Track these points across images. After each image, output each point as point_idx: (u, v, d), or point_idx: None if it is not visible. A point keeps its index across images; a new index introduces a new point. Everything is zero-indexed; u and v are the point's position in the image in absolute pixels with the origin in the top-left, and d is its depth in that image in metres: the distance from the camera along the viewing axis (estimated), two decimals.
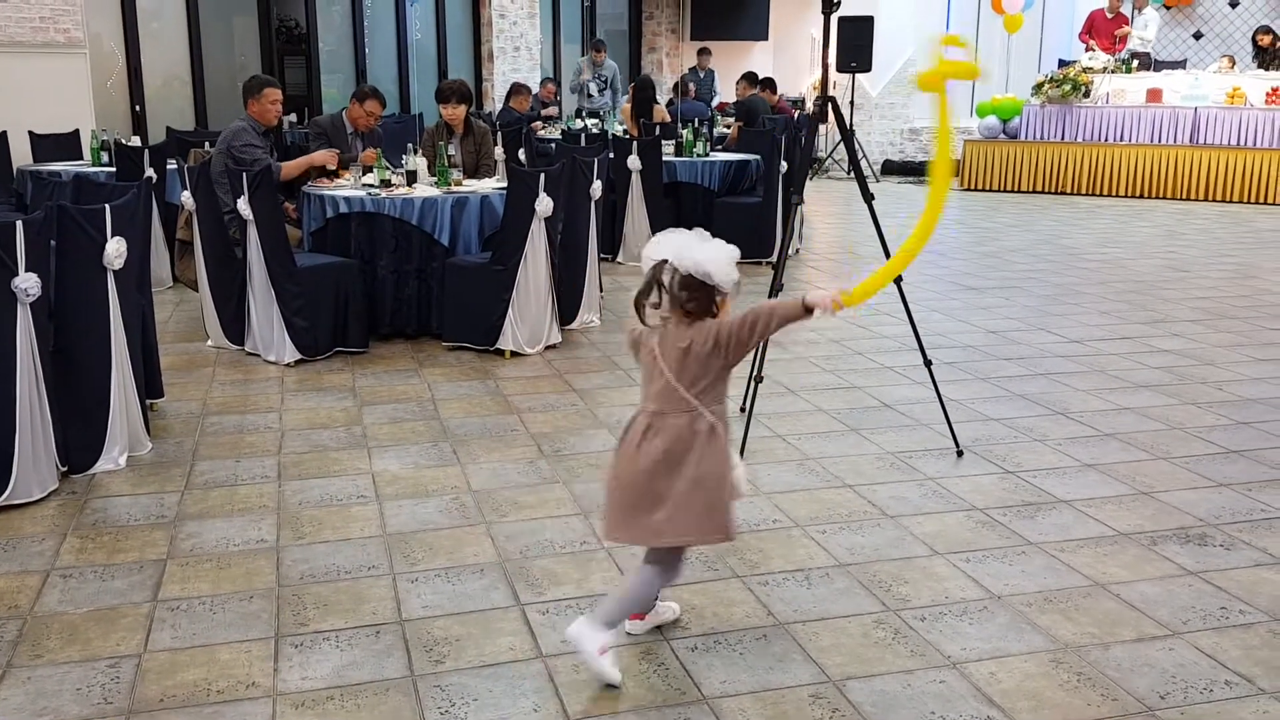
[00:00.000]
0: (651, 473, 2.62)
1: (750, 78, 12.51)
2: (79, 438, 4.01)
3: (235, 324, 5.77)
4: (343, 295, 5.68)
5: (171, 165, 7.27)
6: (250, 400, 5.02)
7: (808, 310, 2.63)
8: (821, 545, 3.49)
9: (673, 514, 2.62)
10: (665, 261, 2.62)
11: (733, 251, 2.61)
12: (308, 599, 3.09)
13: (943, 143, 3.00)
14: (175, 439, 4.48)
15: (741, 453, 4.09)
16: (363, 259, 5.91)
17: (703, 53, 15.80)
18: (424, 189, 6.11)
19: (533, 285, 5.67)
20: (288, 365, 5.52)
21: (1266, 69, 13.25)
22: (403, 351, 5.86)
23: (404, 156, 6.37)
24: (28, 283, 3.62)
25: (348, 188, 6.13)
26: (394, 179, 6.20)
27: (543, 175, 5.61)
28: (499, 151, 8.84)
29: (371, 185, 6.13)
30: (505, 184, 5.93)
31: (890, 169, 16.44)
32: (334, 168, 6.36)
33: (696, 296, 2.61)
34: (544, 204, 5.58)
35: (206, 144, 7.50)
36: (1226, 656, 2.80)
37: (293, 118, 11.03)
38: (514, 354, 5.70)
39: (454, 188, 6.15)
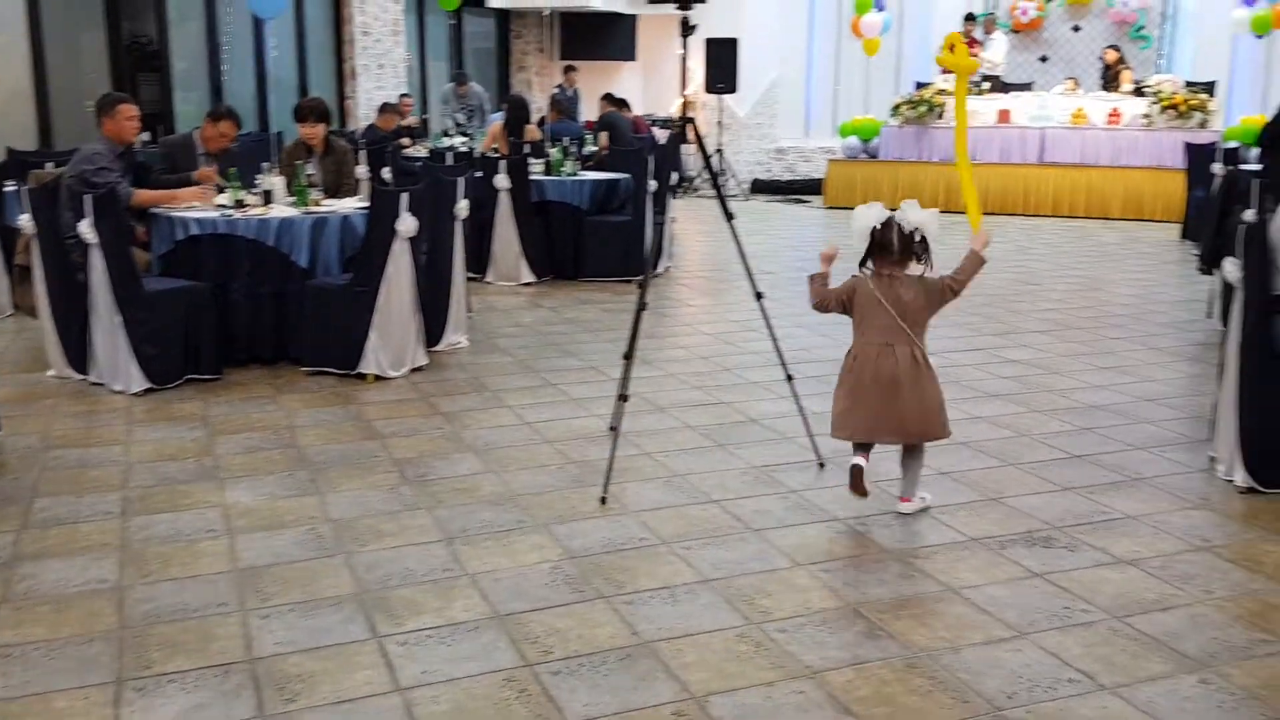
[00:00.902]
0: (895, 383, 3.71)
1: (608, 98, 12.83)
2: None
3: (79, 352, 5.52)
4: (194, 320, 5.49)
5: (11, 187, 6.93)
6: (94, 433, 4.80)
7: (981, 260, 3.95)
8: (687, 562, 3.51)
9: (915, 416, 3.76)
10: (890, 219, 3.72)
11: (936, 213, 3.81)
12: (152, 640, 2.96)
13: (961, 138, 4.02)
14: (12, 475, 4.25)
15: (609, 473, 4.08)
16: (216, 282, 5.71)
17: (569, 70, 15.88)
18: (281, 209, 5.96)
19: (396, 307, 5.57)
20: (135, 395, 5.30)
21: (1109, 87, 13.94)
22: (259, 378, 5.69)
23: (258, 176, 6.20)
24: None
25: (199, 208, 5.94)
26: (249, 199, 6.02)
27: (405, 194, 5.53)
28: (362, 170, 8.70)
29: (225, 206, 5.95)
30: (367, 203, 5.83)
31: (759, 187, 16.75)
32: (205, 198, 6.09)
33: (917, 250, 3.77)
34: (407, 223, 5.50)
35: (48, 165, 7.18)
36: (1069, 655, 2.91)
37: (146, 136, 10.65)
38: (377, 378, 5.59)
39: (313, 207, 6.01)
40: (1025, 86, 14.82)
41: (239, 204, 5.95)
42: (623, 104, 13.42)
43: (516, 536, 3.69)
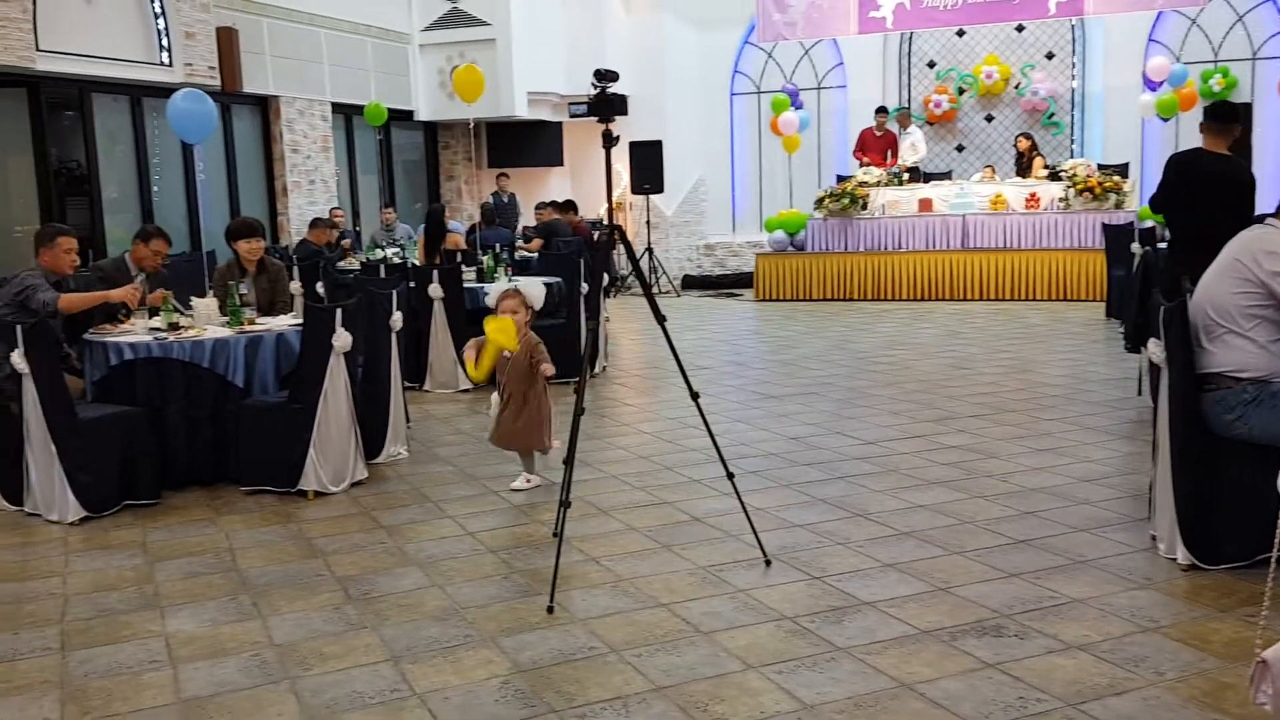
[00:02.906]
0: None
1: (553, 204, 13.18)
2: None
3: (13, 484, 5.38)
4: (130, 445, 5.40)
5: None
6: (30, 565, 4.66)
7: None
8: (638, 670, 3.47)
9: None
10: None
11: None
12: None
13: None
14: None
15: (554, 581, 4.05)
16: (151, 406, 5.63)
17: (501, 176, 16.13)
18: (215, 330, 5.91)
19: (334, 422, 5.53)
20: (72, 524, 5.17)
21: (1025, 174, 14.46)
22: (198, 500, 5.58)
23: (192, 299, 6.17)
24: None
25: (133, 333, 5.88)
26: (182, 321, 5.98)
27: (339, 310, 5.53)
28: (295, 286, 8.69)
29: (159, 329, 5.90)
30: (301, 320, 5.81)
31: (690, 283, 17.01)
32: (134, 306, 6.05)
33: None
34: (342, 339, 5.49)
35: None
36: None
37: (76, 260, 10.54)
38: (318, 494, 5.52)
39: (247, 326, 5.98)
40: (945, 175, 15.33)
41: (173, 326, 5.91)
42: (569, 206, 13.75)
43: (464, 652, 3.63)
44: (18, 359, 5.10)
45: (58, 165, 11.08)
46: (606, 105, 4.66)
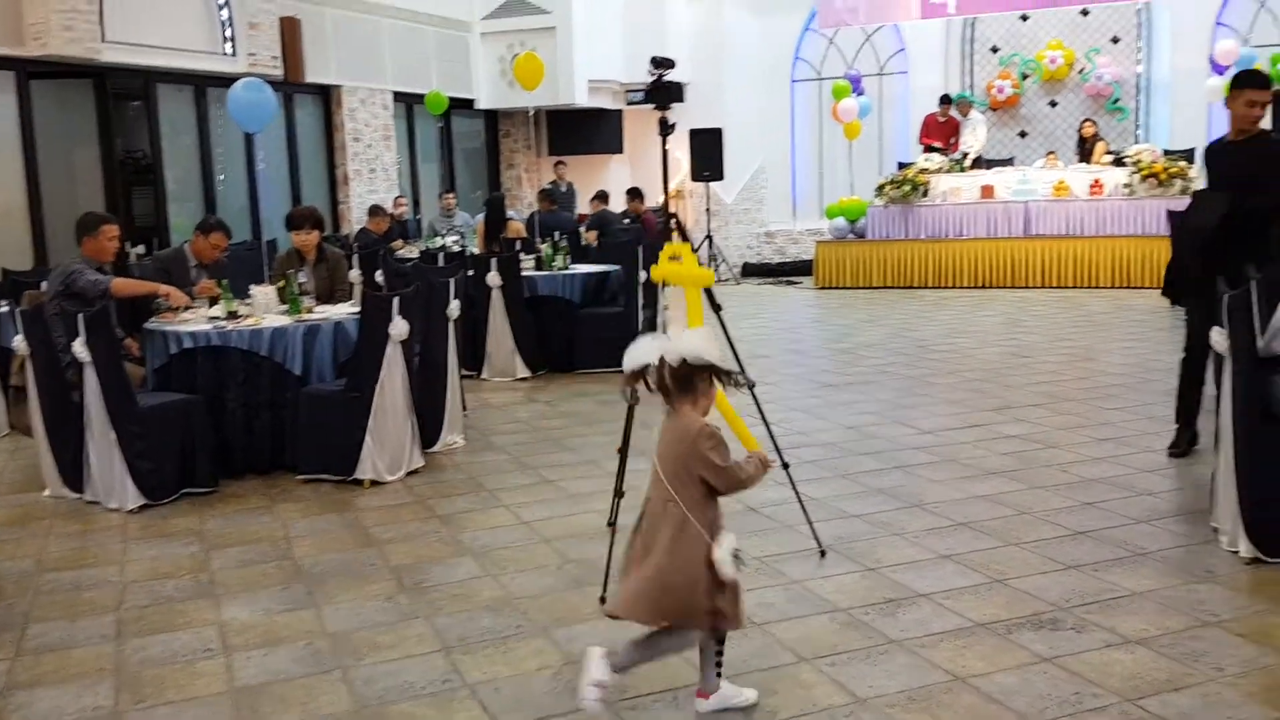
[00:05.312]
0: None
1: (600, 195, 13.31)
2: None
3: (74, 471, 5.50)
4: (189, 433, 5.49)
5: (4, 308, 6.99)
6: (89, 553, 4.76)
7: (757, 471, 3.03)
8: (689, 661, 3.43)
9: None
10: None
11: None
12: None
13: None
14: (7, 601, 4.21)
15: (607, 572, 4.04)
16: (210, 394, 5.72)
17: (559, 165, 16.15)
18: (274, 318, 5.99)
19: (390, 410, 5.58)
20: (130, 512, 5.27)
21: (1087, 160, 14.16)
22: (255, 489, 5.66)
23: (251, 288, 6.25)
24: None
25: (193, 322, 5.97)
26: (241, 309, 6.07)
27: (396, 298, 5.57)
28: (355, 274, 8.78)
29: (218, 317, 5.99)
30: (359, 308, 5.87)
31: (750, 271, 16.91)
32: (179, 306, 6.16)
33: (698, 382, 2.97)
34: (399, 327, 5.53)
35: (42, 285, 7.23)
36: None
37: (140, 249, 10.77)
38: (374, 483, 5.57)
39: (305, 315, 6.05)
40: (1007, 162, 15.05)
41: (232, 315, 5.99)
42: (636, 194, 13.79)
43: (516, 643, 3.64)
44: (79, 347, 5.20)
45: (123, 155, 11.31)
46: (663, 92, 4.65)
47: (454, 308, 6.27)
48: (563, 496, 5.35)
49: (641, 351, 2.96)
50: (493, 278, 8.40)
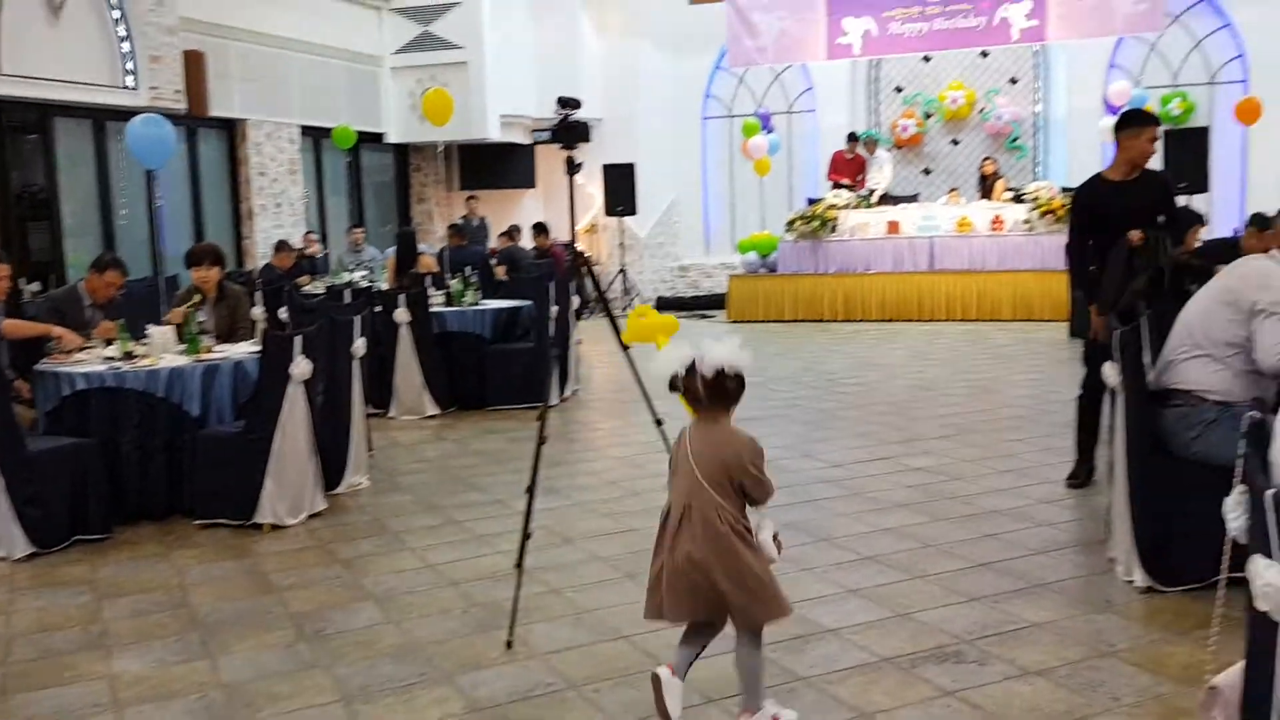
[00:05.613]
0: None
1: (509, 232, 13.30)
2: None
3: None
4: (81, 478, 5.29)
5: None
6: None
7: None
8: (597, 706, 3.41)
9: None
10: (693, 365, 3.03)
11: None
12: None
13: None
14: None
15: (513, 615, 3.98)
16: (104, 437, 5.52)
17: (471, 199, 16.10)
18: (172, 358, 5.83)
19: (291, 452, 5.45)
20: (18, 560, 5.05)
21: (988, 196, 14.56)
22: (150, 535, 5.48)
23: (148, 327, 6.08)
24: None
25: (87, 362, 5.78)
26: (137, 350, 5.89)
27: (298, 337, 5.47)
28: (258, 312, 8.60)
29: (113, 358, 5.81)
30: (261, 347, 5.74)
31: (664, 304, 16.97)
32: (71, 349, 5.96)
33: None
34: (301, 367, 5.42)
35: None
36: None
37: (36, 285, 10.42)
38: (274, 527, 5.43)
39: (204, 355, 5.90)
40: (912, 198, 15.40)
41: (128, 355, 5.82)
42: (541, 229, 13.81)
43: (419, 691, 3.56)
44: None
45: (19, 190, 10.96)
46: (569, 132, 4.65)
47: (359, 346, 6.17)
48: (470, 537, 5.27)
49: (669, 361, 3.08)
50: (401, 314, 8.29)
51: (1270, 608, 2.16)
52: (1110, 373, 4.30)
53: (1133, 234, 5.23)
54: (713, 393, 3.04)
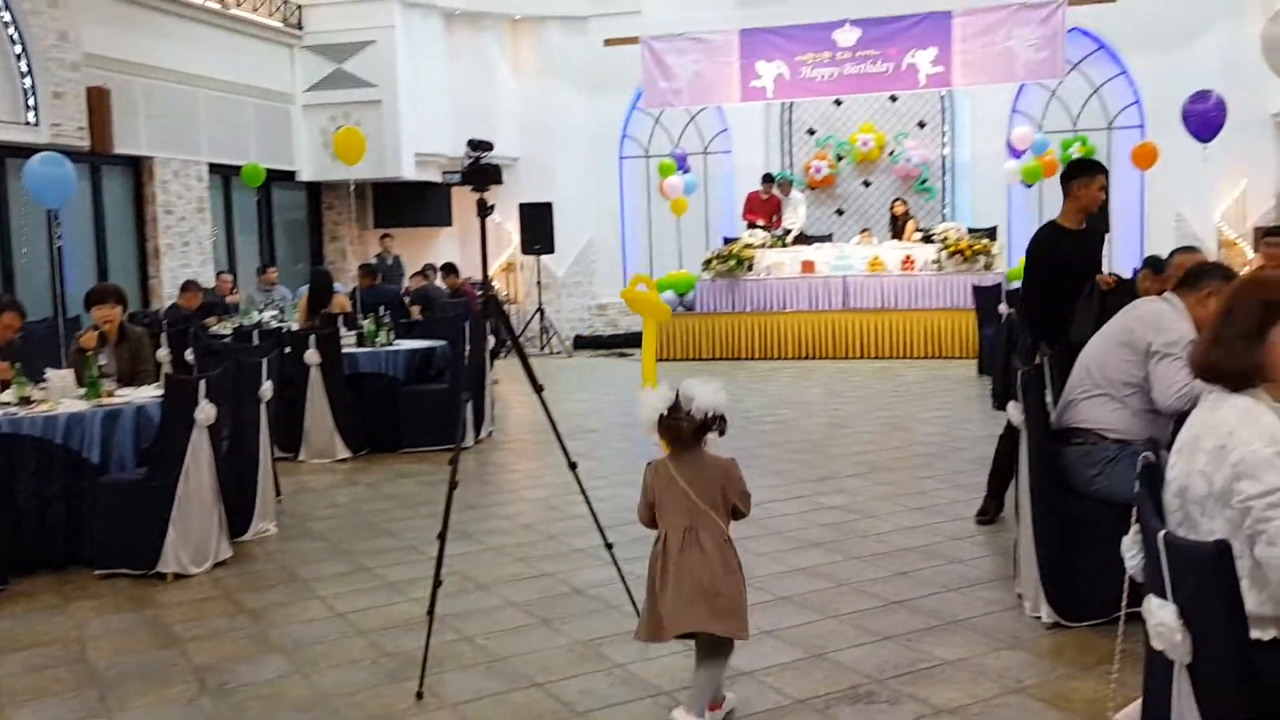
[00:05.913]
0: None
1: (424, 271, 13.20)
2: None
3: None
4: None
5: None
6: None
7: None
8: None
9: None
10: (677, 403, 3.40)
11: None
12: None
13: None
14: None
15: (424, 664, 3.90)
16: None
17: (385, 238, 15.95)
18: (71, 403, 5.65)
19: (196, 499, 5.30)
20: None
21: (899, 237, 14.90)
22: (47, 585, 5.27)
23: (47, 371, 5.89)
24: None
25: None
26: (34, 394, 5.70)
27: (203, 381, 5.34)
28: (163, 354, 8.40)
29: (8, 403, 5.61)
30: (163, 392, 5.59)
31: (582, 343, 16.99)
32: None
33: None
34: (205, 412, 5.29)
35: None
36: None
37: None
38: (177, 576, 5.26)
39: (104, 399, 5.72)
40: (826, 238, 15.69)
41: (24, 400, 5.62)
42: (450, 269, 13.68)
43: None
44: None
45: None
46: (480, 175, 4.62)
47: (266, 389, 6.04)
48: (381, 585, 5.17)
49: (654, 403, 3.43)
50: (311, 355, 8.14)
51: (1164, 647, 2.21)
52: (1014, 411, 4.40)
53: (1106, 277, 5.45)
54: (699, 431, 3.44)
